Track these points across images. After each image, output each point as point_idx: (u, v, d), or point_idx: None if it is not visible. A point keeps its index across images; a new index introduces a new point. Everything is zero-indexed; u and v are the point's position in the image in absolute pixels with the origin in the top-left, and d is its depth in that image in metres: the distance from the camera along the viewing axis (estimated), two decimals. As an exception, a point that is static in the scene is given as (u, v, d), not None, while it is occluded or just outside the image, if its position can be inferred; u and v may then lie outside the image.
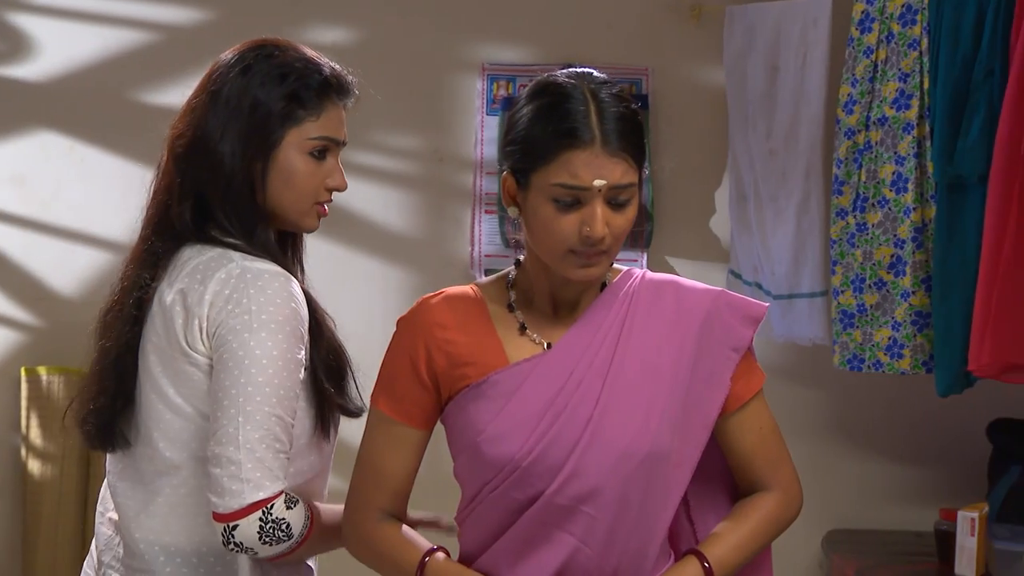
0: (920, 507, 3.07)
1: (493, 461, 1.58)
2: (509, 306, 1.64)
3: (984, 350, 2.51)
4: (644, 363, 1.60)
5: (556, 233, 1.53)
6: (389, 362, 1.65)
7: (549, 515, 1.58)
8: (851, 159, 2.78)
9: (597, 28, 3.23)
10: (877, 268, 2.75)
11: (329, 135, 1.79)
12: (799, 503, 1.71)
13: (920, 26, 2.69)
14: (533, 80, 1.60)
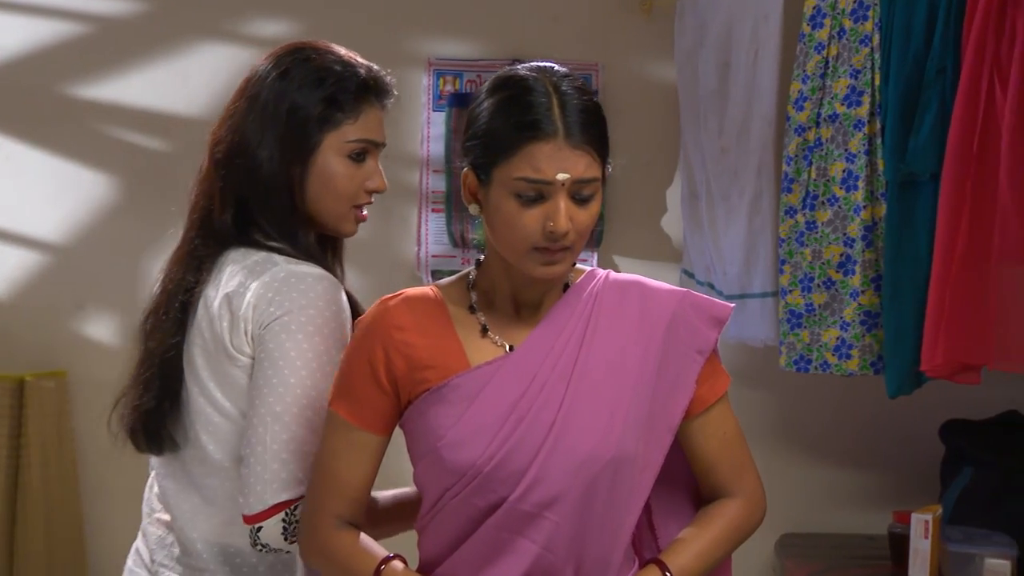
0: (873, 510, 3.05)
1: (454, 467, 1.55)
2: (470, 307, 1.61)
3: (937, 350, 2.49)
4: (608, 365, 1.58)
5: (519, 229, 1.51)
6: (347, 365, 1.62)
7: (512, 522, 1.55)
8: (801, 156, 2.75)
9: (545, 22, 3.20)
10: (826, 267, 2.72)
11: (368, 137, 1.81)
12: (763, 510, 1.69)
13: (872, 22, 2.66)
14: (493, 75, 1.59)
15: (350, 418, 1.60)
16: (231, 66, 3.22)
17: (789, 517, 3.05)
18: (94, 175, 3.26)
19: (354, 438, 1.60)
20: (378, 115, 1.82)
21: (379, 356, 1.58)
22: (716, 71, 2.97)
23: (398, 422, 1.63)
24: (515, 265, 1.55)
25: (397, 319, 1.59)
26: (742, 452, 1.68)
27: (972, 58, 2.45)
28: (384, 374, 1.58)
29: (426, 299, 1.62)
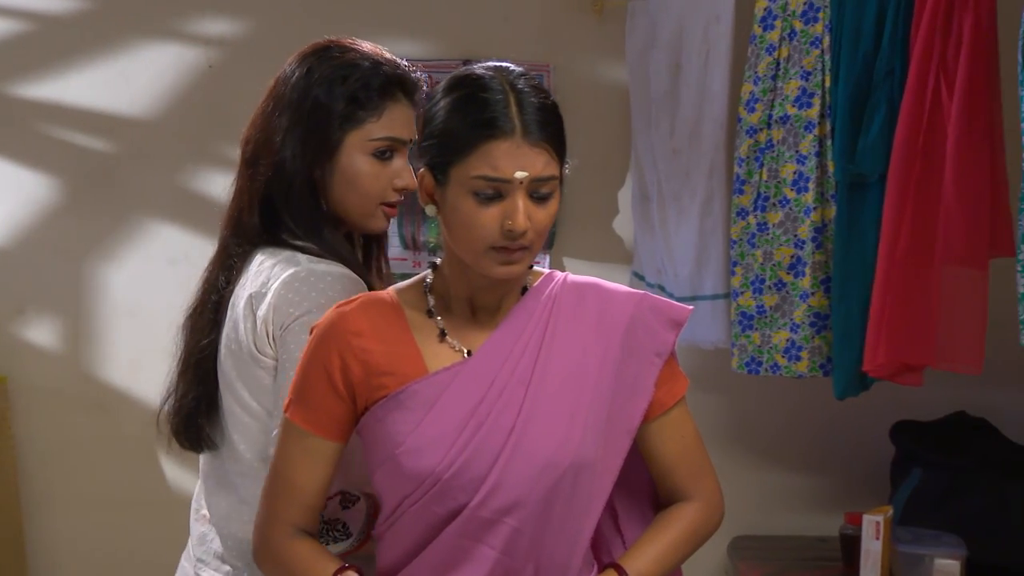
0: (824, 512, 3.06)
1: (413, 474, 1.53)
2: (428, 311, 1.60)
3: (879, 351, 2.50)
4: (567, 370, 1.57)
5: (477, 228, 1.50)
6: (303, 371, 1.59)
7: (471, 529, 1.54)
8: (753, 158, 2.74)
9: (496, 22, 3.17)
10: (777, 269, 2.71)
11: (393, 135, 1.79)
12: (721, 513, 1.69)
13: (822, 24, 2.66)
14: (448, 75, 1.58)
15: (306, 425, 1.58)
16: (176, 65, 3.18)
17: (741, 519, 3.04)
18: (34, 176, 3.20)
19: (310, 445, 1.58)
20: (405, 112, 1.81)
21: (335, 362, 1.56)
22: (667, 72, 2.96)
23: (354, 428, 1.61)
24: (473, 266, 1.54)
25: (354, 325, 1.57)
26: (700, 455, 1.67)
27: (919, 60, 2.47)
28: (341, 380, 1.56)
29: (383, 304, 1.60)
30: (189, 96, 3.18)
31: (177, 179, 3.20)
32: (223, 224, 1.85)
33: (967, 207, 2.39)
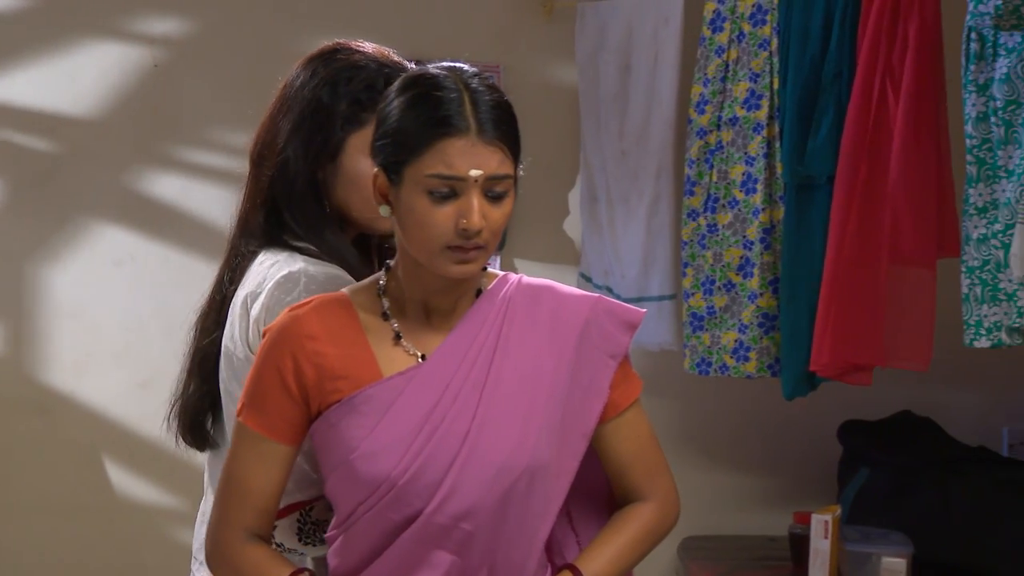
0: (773, 511, 3.07)
1: (368, 480, 1.52)
2: (383, 314, 1.58)
3: (824, 350, 2.51)
4: (522, 373, 1.56)
5: (431, 227, 1.49)
6: (256, 375, 1.57)
7: (426, 534, 1.53)
8: (703, 159, 2.75)
9: (444, 23, 3.16)
10: (726, 270, 2.73)
11: None
12: (676, 513, 1.69)
13: (770, 27, 2.68)
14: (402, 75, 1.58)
15: (260, 429, 1.56)
16: (121, 64, 3.13)
17: (691, 520, 3.03)
18: (-24, 176, 3.14)
19: (264, 449, 1.56)
20: None
21: (288, 366, 1.54)
22: (617, 74, 2.96)
23: (307, 432, 1.60)
24: (428, 266, 1.53)
25: (307, 328, 1.55)
26: (656, 455, 1.67)
27: (865, 63, 2.49)
28: (294, 383, 1.55)
29: (337, 306, 1.58)
30: (134, 95, 3.14)
31: (123, 179, 3.15)
32: (233, 224, 1.86)
33: (914, 208, 2.42)
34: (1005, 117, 2.23)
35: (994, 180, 2.27)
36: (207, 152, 3.14)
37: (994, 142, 2.26)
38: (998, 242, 2.24)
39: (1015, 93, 2.22)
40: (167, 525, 3.16)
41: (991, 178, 2.27)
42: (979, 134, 2.27)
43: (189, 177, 3.14)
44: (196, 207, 3.12)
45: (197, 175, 3.13)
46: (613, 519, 1.66)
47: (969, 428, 3.02)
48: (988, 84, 2.26)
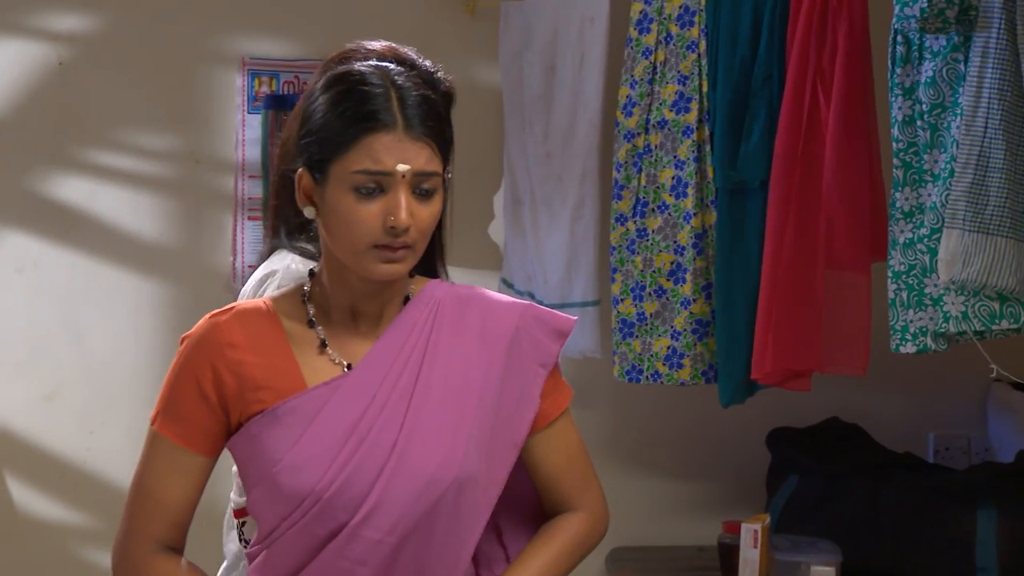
0: (702, 521, 3.05)
1: (292, 494, 1.50)
2: (309, 322, 1.56)
3: (767, 358, 2.50)
4: (450, 382, 1.56)
5: (358, 225, 1.47)
6: (172, 383, 1.55)
7: (352, 548, 1.51)
8: (631, 163, 2.72)
9: (365, 21, 3.10)
10: (657, 276, 2.69)
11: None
12: (606, 523, 1.69)
13: (698, 28, 2.65)
14: (326, 73, 1.56)
15: (175, 439, 1.53)
16: (22, 62, 3.02)
17: (619, 530, 2.98)
18: None
19: (180, 460, 1.54)
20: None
21: (207, 375, 1.52)
22: (541, 74, 2.91)
23: (225, 444, 1.57)
24: (354, 267, 1.51)
25: (228, 336, 1.52)
26: (585, 465, 1.68)
27: (796, 66, 2.48)
28: (213, 393, 1.52)
29: (259, 314, 1.56)
30: (37, 94, 3.03)
31: (25, 182, 3.05)
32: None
33: (847, 212, 2.42)
34: (931, 121, 2.23)
35: (920, 184, 2.27)
36: (116, 154, 3.04)
37: (920, 146, 2.26)
38: (924, 247, 2.24)
39: (940, 96, 2.22)
40: (75, 544, 3.05)
41: (917, 182, 2.27)
42: (905, 138, 2.28)
43: (97, 180, 3.05)
44: (104, 211, 3.04)
45: (105, 178, 3.04)
46: (542, 530, 1.64)
47: (895, 434, 3.03)
48: (914, 87, 2.26)
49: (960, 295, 2.15)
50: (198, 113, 3.07)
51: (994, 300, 2.13)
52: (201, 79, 3.07)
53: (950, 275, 2.13)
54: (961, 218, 2.11)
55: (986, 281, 2.10)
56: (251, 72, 3.08)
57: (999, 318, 2.13)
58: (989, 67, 2.09)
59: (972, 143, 2.11)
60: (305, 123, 1.52)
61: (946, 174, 2.18)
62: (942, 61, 2.20)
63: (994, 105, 2.09)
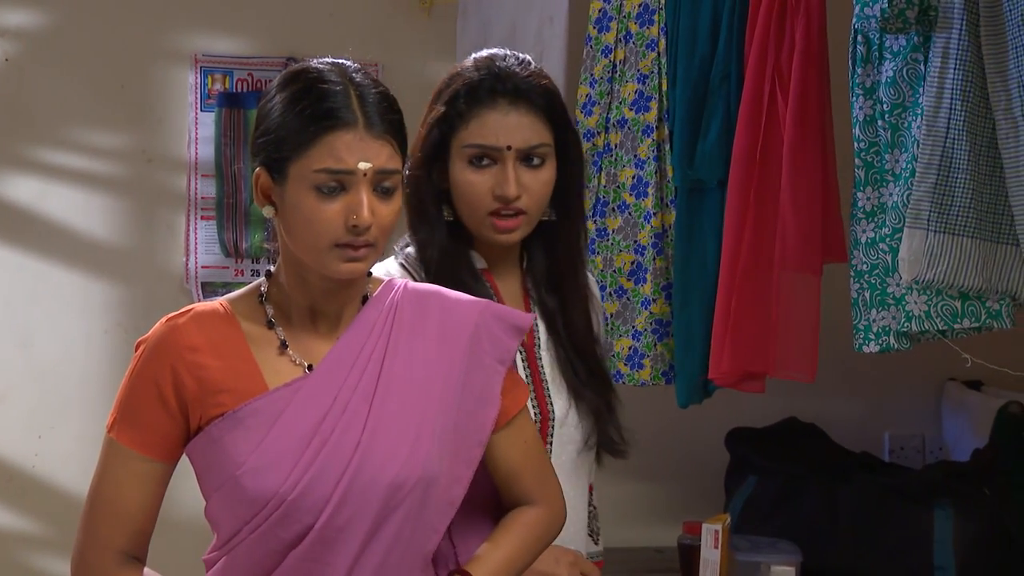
0: (660, 522, 3.04)
1: (256, 496, 1.48)
2: (268, 323, 1.55)
3: (724, 358, 2.49)
4: (412, 382, 1.56)
5: (319, 224, 1.46)
6: (129, 389, 1.53)
7: (316, 551, 1.50)
8: (590, 162, 2.70)
9: (321, 19, 3.08)
10: (618, 276, 2.68)
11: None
12: (563, 517, 1.70)
13: (657, 27, 2.64)
14: (280, 72, 1.57)
15: (134, 446, 1.51)
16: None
17: (579, 532, 3.00)
18: None
19: (138, 467, 1.52)
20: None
21: (167, 379, 1.50)
22: (500, 74, 2.89)
23: (184, 449, 1.54)
24: (315, 266, 1.50)
25: (188, 339, 1.51)
26: (543, 460, 1.69)
27: (754, 65, 2.47)
28: (173, 398, 1.50)
29: (217, 316, 1.54)
30: (-18, 91, 2.97)
31: (-29, 181, 2.98)
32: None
33: (801, 213, 2.41)
34: (892, 120, 2.24)
35: (882, 184, 2.28)
36: (65, 152, 2.99)
37: (881, 145, 2.27)
38: (886, 246, 2.25)
39: (901, 96, 2.23)
40: (22, 551, 2.99)
41: (879, 182, 2.28)
42: (866, 137, 2.28)
43: (46, 179, 2.99)
44: (54, 211, 2.99)
45: (55, 177, 2.99)
46: (503, 524, 1.65)
47: (852, 434, 3.05)
48: (875, 87, 2.27)
49: (923, 294, 2.15)
50: (150, 111, 3.03)
51: (956, 299, 2.15)
52: (153, 76, 3.03)
53: (914, 275, 2.13)
54: (926, 219, 2.12)
55: (952, 281, 2.11)
56: (204, 69, 3.03)
57: (961, 317, 2.14)
58: (951, 67, 2.10)
59: (934, 143, 2.11)
60: (262, 122, 1.51)
61: (907, 174, 2.19)
62: (902, 61, 2.21)
63: (957, 105, 2.09)
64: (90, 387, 2.97)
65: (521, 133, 1.76)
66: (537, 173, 1.78)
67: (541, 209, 1.81)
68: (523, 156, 1.77)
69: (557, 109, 1.81)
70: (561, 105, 1.83)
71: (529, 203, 1.77)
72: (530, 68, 1.82)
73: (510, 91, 1.79)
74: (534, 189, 1.77)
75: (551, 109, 1.80)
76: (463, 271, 1.79)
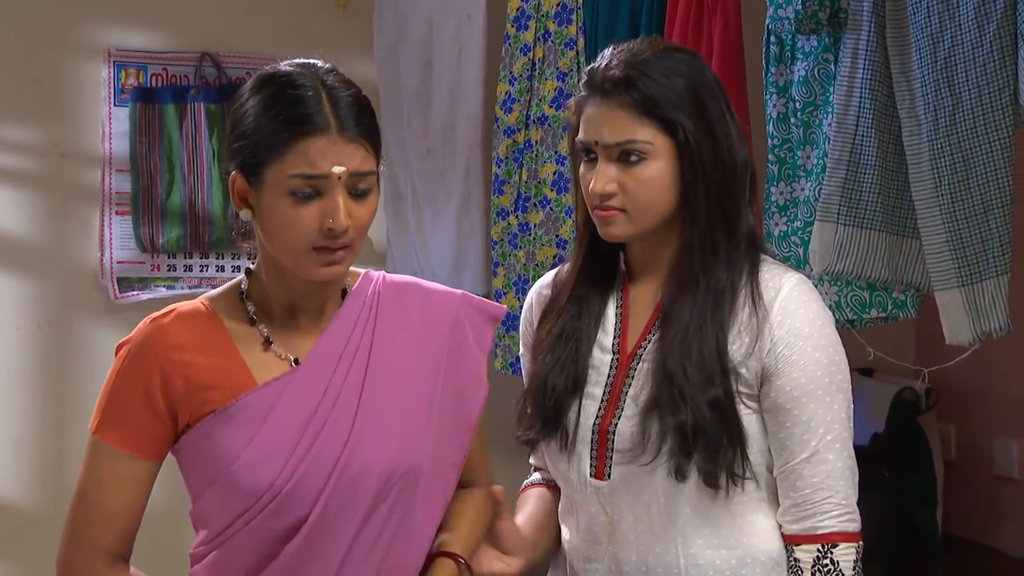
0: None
1: (251, 489, 1.49)
2: (250, 319, 1.55)
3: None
4: (397, 372, 1.57)
5: (296, 229, 1.46)
6: (116, 390, 1.51)
7: (311, 541, 1.50)
8: (511, 158, 2.74)
9: (237, 14, 3.04)
10: (540, 270, 2.71)
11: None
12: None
13: (576, 26, 2.68)
14: (255, 74, 1.54)
15: (121, 446, 1.50)
16: None
17: (500, 521, 3.03)
18: None
19: (126, 467, 1.50)
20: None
21: (155, 379, 1.49)
22: (419, 70, 2.91)
23: (170, 448, 1.54)
24: (294, 269, 1.49)
25: (174, 338, 1.50)
26: (484, 445, 1.73)
27: (673, 63, 2.52)
28: (161, 397, 1.49)
29: (200, 315, 1.53)
30: None
31: None
32: None
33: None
34: (804, 118, 2.31)
35: (794, 179, 2.34)
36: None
37: (794, 142, 2.33)
38: (798, 239, 2.31)
39: (813, 95, 2.30)
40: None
41: (791, 177, 2.34)
42: (780, 134, 2.34)
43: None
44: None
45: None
46: (457, 503, 1.66)
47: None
48: (787, 86, 2.33)
49: (833, 285, 2.23)
50: (62, 105, 2.97)
51: (864, 290, 2.23)
52: (65, 70, 2.97)
53: (824, 266, 2.21)
54: (835, 212, 2.20)
55: (860, 272, 2.19)
56: (117, 64, 2.99)
57: (869, 307, 2.23)
58: (860, 67, 2.18)
59: (844, 140, 2.19)
60: (236, 126, 1.50)
61: (818, 169, 2.26)
62: (814, 61, 2.28)
63: (866, 104, 2.17)
64: (1, 383, 2.90)
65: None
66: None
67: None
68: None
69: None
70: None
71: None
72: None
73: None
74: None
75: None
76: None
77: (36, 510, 2.95)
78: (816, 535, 1.56)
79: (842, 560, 1.55)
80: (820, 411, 1.56)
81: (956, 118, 2.08)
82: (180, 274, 3.01)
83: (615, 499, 1.62)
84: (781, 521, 1.59)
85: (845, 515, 1.56)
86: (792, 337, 1.58)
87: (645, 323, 1.64)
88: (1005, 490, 2.97)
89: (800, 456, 1.56)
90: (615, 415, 1.62)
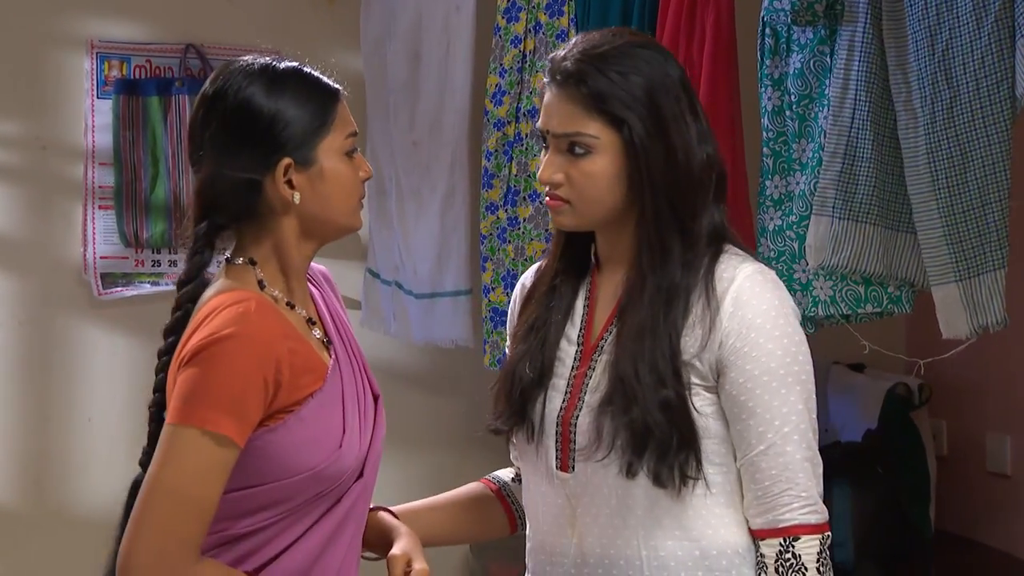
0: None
1: (350, 465, 1.57)
2: (288, 304, 1.59)
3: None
4: (351, 337, 1.68)
5: (353, 184, 1.60)
6: (233, 382, 1.49)
7: (359, 504, 1.61)
8: (501, 152, 2.71)
9: (221, 5, 3.01)
10: (529, 264, 2.67)
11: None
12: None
13: (567, 18, 2.66)
14: (245, 86, 1.57)
15: (239, 438, 1.49)
16: None
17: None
18: None
19: (230, 457, 1.49)
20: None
21: (271, 367, 1.50)
22: (406, 62, 2.88)
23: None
24: (346, 226, 1.61)
25: (279, 327, 1.54)
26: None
27: (665, 53, 2.50)
28: (273, 387, 1.51)
29: (270, 304, 1.57)
30: None
31: None
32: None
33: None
34: (799, 111, 2.29)
35: (789, 173, 2.32)
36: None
37: (789, 135, 2.31)
38: (793, 233, 2.30)
39: (808, 88, 2.28)
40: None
41: (786, 170, 2.32)
42: (775, 127, 2.33)
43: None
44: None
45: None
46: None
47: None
48: (783, 78, 2.31)
49: (828, 280, 2.22)
50: (44, 98, 2.93)
51: (859, 284, 2.21)
52: (47, 62, 2.93)
53: (820, 261, 2.19)
54: (831, 206, 2.18)
55: (856, 267, 2.17)
56: (100, 55, 2.95)
57: (864, 302, 2.21)
58: (856, 59, 2.16)
59: (840, 133, 2.17)
60: (272, 126, 1.55)
61: (814, 163, 2.24)
62: (809, 53, 2.26)
63: (862, 96, 2.16)
64: (-16, 379, 2.87)
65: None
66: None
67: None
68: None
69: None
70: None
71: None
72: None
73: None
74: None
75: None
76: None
77: (17, 507, 2.92)
78: (778, 528, 1.56)
79: (804, 553, 1.55)
80: (775, 403, 1.55)
81: (953, 111, 2.06)
82: (164, 269, 2.97)
83: (578, 491, 1.62)
84: (747, 515, 1.59)
85: (806, 507, 1.55)
86: (744, 329, 1.57)
87: (608, 314, 1.65)
88: (998, 486, 2.96)
89: (757, 448, 1.56)
90: (577, 407, 1.63)
